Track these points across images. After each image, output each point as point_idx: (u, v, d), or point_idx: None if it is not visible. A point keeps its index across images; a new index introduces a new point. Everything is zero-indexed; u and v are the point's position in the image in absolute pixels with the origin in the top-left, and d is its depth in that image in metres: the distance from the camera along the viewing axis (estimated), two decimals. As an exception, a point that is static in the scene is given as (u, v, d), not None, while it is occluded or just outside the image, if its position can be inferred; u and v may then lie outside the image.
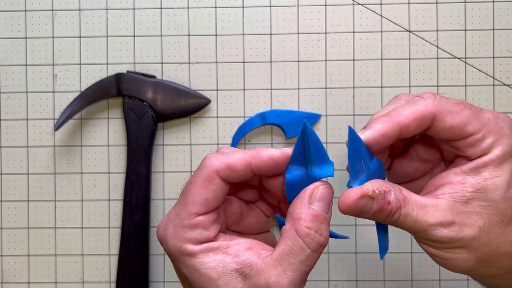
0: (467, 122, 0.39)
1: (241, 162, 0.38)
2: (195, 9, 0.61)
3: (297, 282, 0.37)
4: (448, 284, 0.60)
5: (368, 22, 0.60)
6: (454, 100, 0.40)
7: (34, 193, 0.62)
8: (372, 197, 0.37)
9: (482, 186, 0.39)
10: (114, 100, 0.61)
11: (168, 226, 0.39)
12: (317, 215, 0.38)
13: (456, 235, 0.38)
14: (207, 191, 0.38)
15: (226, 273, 0.38)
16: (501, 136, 0.39)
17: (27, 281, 0.62)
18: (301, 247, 0.37)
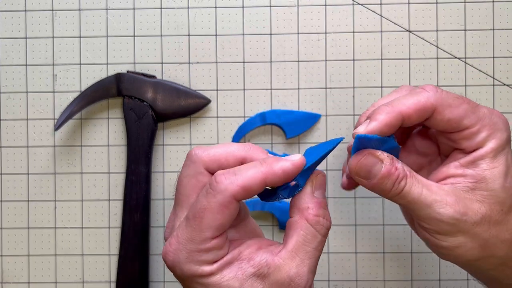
0: (464, 116, 0.41)
1: (257, 181, 0.38)
2: (195, 9, 0.61)
3: (313, 268, 0.39)
4: (448, 284, 0.60)
5: (368, 22, 0.60)
6: (454, 94, 0.42)
7: (34, 193, 0.62)
8: (381, 159, 0.40)
9: (482, 176, 0.41)
10: (114, 100, 0.61)
11: (180, 251, 0.38)
12: (321, 203, 0.40)
13: (460, 216, 0.40)
14: (223, 216, 0.38)
15: (245, 279, 0.38)
16: (495, 130, 0.41)
17: (27, 281, 0.62)
18: (314, 235, 0.39)
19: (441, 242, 0.41)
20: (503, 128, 0.42)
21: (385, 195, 0.41)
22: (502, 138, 0.42)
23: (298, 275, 0.38)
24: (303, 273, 0.39)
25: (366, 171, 0.40)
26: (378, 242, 0.61)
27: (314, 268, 0.40)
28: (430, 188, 0.41)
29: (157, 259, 0.61)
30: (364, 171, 0.40)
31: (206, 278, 0.38)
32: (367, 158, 0.40)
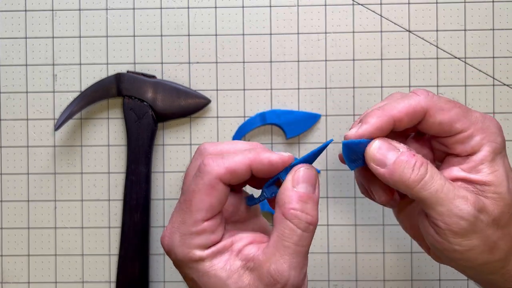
0: (456, 119, 0.41)
1: (242, 166, 0.39)
2: (195, 9, 0.61)
3: (296, 264, 0.38)
4: (448, 284, 0.60)
5: (368, 22, 0.60)
6: (446, 98, 0.42)
7: (34, 193, 0.62)
8: (397, 148, 0.39)
9: (488, 180, 0.40)
10: (114, 100, 0.61)
11: (174, 234, 0.39)
12: (301, 196, 0.38)
13: (479, 214, 0.39)
14: (211, 197, 0.38)
15: (233, 271, 0.38)
16: (488, 134, 0.41)
17: (27, 281, 0.62)
18: (291, 229, 0.38)
19: (454, 247, 0.40)
20: (496, 132, 0.42)
21: (404, 184, 0.39)
22: (497, 142, 0.41)
23: (277, 271, 0.38)
24: (282, 270, 0.38)
25: (381, 155, 0.40)
26: (378, 242, 0.61)
27: (299, 265, 0.38)
28: (451, 182, 0.40)
29: (157, 259, 0.61)
30: (380, 155, 0.40)
31: (197, 264, 0.39)
32: (382, 143, 0.40)
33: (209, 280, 0.38)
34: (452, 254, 0.41)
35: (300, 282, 0.39)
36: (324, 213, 0.61)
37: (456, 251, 0.40)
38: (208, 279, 0.38)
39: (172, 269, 0.61)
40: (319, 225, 0.60)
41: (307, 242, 0.39)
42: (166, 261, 0.61)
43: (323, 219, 0.61)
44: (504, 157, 0.42)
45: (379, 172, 0.40)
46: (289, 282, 0.38)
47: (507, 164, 0.42)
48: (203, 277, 0.39)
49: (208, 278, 0.38)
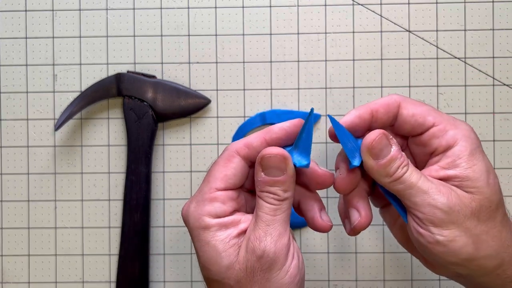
0: (428, 113, 0.44)
1: (257, 139, 0.43)
2: (195, 9, 0.61)
3: (271, 231, 0.41)
4: (448, 284, 0.60)
5: (368, 22, 0.61)
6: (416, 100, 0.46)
7: (34, 193, 0.62)
8: (391, 143, 0.42)
9: (465, 175, 0.42)
10: (114, 100, 0.61)
11: (191, 203, 0.43)
12: (267, 181, 0.42)
13: (453, 206, 0.41)
14: (226, 168, 0.43)
15: (230, 245, 0.42)
16: (461, 130, 0.43)
17: (27, 281, 0.62)
18: (262, 203, 0.42)
19: (437, 237, 0.42)
20: (469, 129, 0.44)
21: (386, 178, 0.43)
22: (472, 137, 0.43)
23: (255, 237, 0.41)
24: (259, 235, 0.41)
25: (379, 149, 0.42)
26: (378, 242, 0.61)
27: (274, 231, 0.41)
28: (427, 177, 0.42)
29: (157, 259, 0.61)
30: (377, 149, 0.42)
31: (203, 231, 0.42)
32: (382, 138, 0.42)
33: (208, 249, 0.42)
34: (436, 248, 0.42)
35: (278, 250, 0.41)
36: (324, 213, 0.61)
37: (439, 243, 0.42)
38: (207, 249, 0.42)
39: (172, 269, 0.61)
40: (319, 225, 0.60)
41: (278, 212, 0.42)
42: (166, 261, 0.61)
43: (323, 219, 0.61)
44: (482, 152, 0.43)
45: (369, 163, 0.43)
46: (266, 248, 0.41)
47: (487, 159, 0.44)
48: (204, 247, 0.42)
49: (208, 247, 0.42)
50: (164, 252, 0.61)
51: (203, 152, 0.61)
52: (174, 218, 0.61)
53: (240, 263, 0.41)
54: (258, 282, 0.41)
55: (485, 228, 0.42)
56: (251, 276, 0.41)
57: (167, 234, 0.61)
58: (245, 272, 0.41)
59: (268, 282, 0.41)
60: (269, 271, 0.41)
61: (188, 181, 0.61)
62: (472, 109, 0.60)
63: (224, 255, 0.41)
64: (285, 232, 0.42)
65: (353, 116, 0.44)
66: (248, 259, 0.41)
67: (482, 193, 0.42)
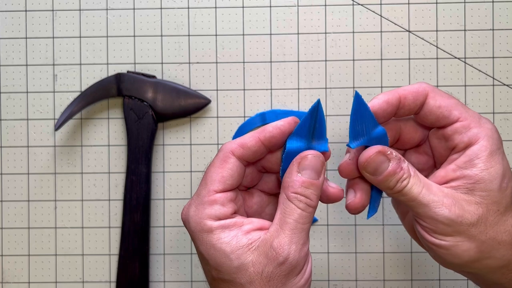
0: (455, 107, 0.43)
1: (251, 138, 0.43)
2: (195, 9, 0.61)
3: (297, 240, 0.41)
4: (448, 284, 0.60)
5: (368, 22, 0.61)
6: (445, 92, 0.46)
7: (34, 193, 0.62)
8: (389, 158, 0.42)
9: (480, 177, 0.42)
10: (114, 100, 0.61)
11: (191, 206, 0.43)
12: (304, 182, 0.42)
13: (456, 218, 0.41)
14: (223, 169, 0.42)
15: (238, 247, 0.41)
16: (485, 128, 0.43)
17: (27, 281, 0.62)
18: (291, 208, 0.41)
19: (439, 241, 0.42)
20: (493, 129, 0.43)
21: (387, 191, 0.43)
22: (494, 137, 0.43)
23: (279, 244, 0.40)
24: (283, 243, 0.40)
25: (374, 167, 0.43)
26: (378, 242, 0.61)
27: (300, 240, 0.41)
28: (430, 188, 0.42)
29: (157, 259, 0.61)
30: (372, 168, 0.43)
31: (207, 234, 0.41)
32: (377, 156, 0.42)
33: (214, 252, 0.41)
34: (439, 250, 0.43)
35: (301, 259, 0.41)
36: (324, 213, 0.61)
37: (441, 246, 0.42)
38: (214, 252, 0.41)
39: (172, 269, 0.61)
40: (319, 225, 0.60)
41: (306, 220, 0.41)
42: (166, 261, 0.61)
43: (323, 219, 0.61)
44: (502, 154, 0.43)
45: (368, 177, 0.44)
46: (290, 256, 0.40)
47: (506, 162, 0.43)
48: (209, 250, 0.41)
49: (214, 250, 0.41)
50: (164, 252, 0.61)
51: (203, 152, 0.61)
52: (174, 218, 0.61)
53: (255, 266, 0.41)
54: (273, 286, 0.41)
55: (492, 233, 0.42)
56: (266, 281, 0.41)
57: (167, 234, 0.61)
58: (260, 275, 0.41)
59: (284, 286, 0.41)
60: (287, 276, 0.41)
61: (188, 181, 0.61)
62: (472, 109, 0.60)
63: (233, 257, 0.41)
64: (308, 241, 0.42)
65: (381, 101, 0.43)
66: (266, 264, 0.40)
67: (492, 197, 0.42)
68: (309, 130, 0.43)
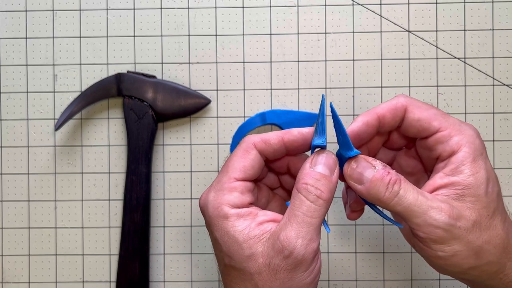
0: (434, 118, 0.44)
1: (275, 137, 0.44)
2: (195, 9, 0.61)
3: (304, 234, 0.40)
4: (448, 284, 0.60)
5: (368, 22, 0.61)
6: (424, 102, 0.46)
7: (34, 193, 0.62)
8: (373, 165, 0.42)
9: (468, 182, 0.42)
10: (114, 100, 0.61)
11: (210, 192, 0.43)
12: (315, 174, 0.42)
13: (455, 222, 0.41)
14: (245, 159, 0.43)
15: (250, 237, 0.41)
16: (466, 135, 0.43)
17: (27, 280, 0.62)
18: (301, 200, 0.41)
19: (438, 253, 0.42)
20: (474, 135, 0.44)
21: (380, 200, 0.42)
22: (476, 143, 0.43)
23: (285, 237, 0.40)
24: (290, 237, 0.40)
25: (358, 173, 0.42)
26: (378, 242, 0.61)
27: (307, 235, 0.41)
28: (425, 195, 0.42)
29: (157, 259, 0.61)
30: (357, 174, 0.42)
31: (222, 220, 0.42)
32: (360, 162, 0.42)
33: (228, 239, 0.42)
34: (438, 261, 0.43)
35: (308, 255, 0.41)
36: (324, 213, 0.61)
37: (440, 257, 0.42)
38: (227, 239, 0.42)
39: (172, 269, 0.61)
40: (319, 225, 0.60)
41: (316, 214, 0.41)
42: (166, 261, 0.61)
43: (323, 219, 0.61)
44: (485, 159, 0.44)
45: (356, 188, 0.43)
46: (295, 250, 0.40)
47: (489, 166, 0.44)
48: (224, 236, 0.42)
49: (228, 237, 0.42)
50: (164, 252, 0.61)
51: (203, 152, 0.61)
52: (174, 218, 0.61)
53: (264, 257, 0.41)
54: (280, 280, 0.41)
55: (487, 237, 0.42)
56: (273, 273, 0.41)
57: (167, 234, 0.61)
58: (268, 267, 0.41)
59: (291, 281, 0.41)
60: (294, 271, 0.41)
61: (188, 181, 0.61)
62: (472, 109, 0.60)
63: (245, 246, 0.41)
64: (317, 239, 0.41)
65: (360, 123, 0.44)
66: (273, 256, 0.41)
67: (481, 202, 0.42)
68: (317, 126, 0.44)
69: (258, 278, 0.41)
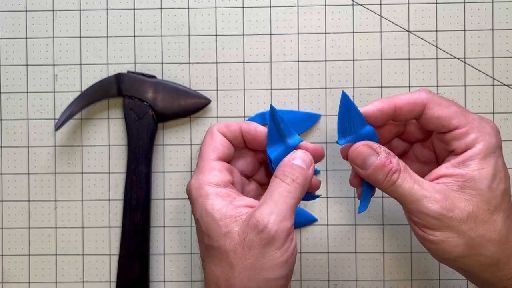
0: (454, 116, 0.45)
1: (235, 124, 0.48)
2: (195, 9, 0.61)
3: (278, 211, 0.43)
4: (448, 284, 0.60)
5: (368, 22, 0.61)
6: (446, 98, 0.47)
7: (34, 193, 0.62)
8: (377, 152, 0.44)
9: (471, 176, 0.44)
10: (114, 100, 0.61)
11: (192, 178, 0.47)
12: (293, 165, 0.45)
13: (446, 213, 0.43)
14: (213, 141, 0.47)
15: (226, 216, 0.43)
16: (483, 133, 0.44)
17: (27, 280, 0.62)
18: (277, 183, 0.44)
19: (429, 236, 0.44)
20: (491, 133, 0.45)
21: (378, 186, 0.45)
22: (491, 141, 0.44)
23: (260, 213, 0.42)
24: (264, 213, 0.43)
25: (361, 160, 0.45)
26: (378, 242, 0.61)
27: (281, 213, 0.43)
28: (421, 184, 0.44)
29: (157, 259, 0.61)
30: (360, 160, 0.45)
31: (203, 199, 0.45)
32: (363, 148, 0.45)
33: (206, 217, 0.44)
34: (429, 244, 0.45)
35: (280, 231, 0.42)
36: (324, 213, 0.61)
37: (432, 241, 0.44)
38: (206, 217, 0.44)
39: (172, 269, 0.61)
40: (319, 225, 0.61)
41: (290, 195, 0.44)
42: (166, 261, 0.61)
43: (323, 219, 0.61)
44: (498, 157, 0.45)
45: (358, 171, 0.46)
46: (268, 225, 0.42)
47: (500, 164, 0.45)
48: (203, 214, 0.44)
49: (206, 215, 0.44)
50: (164, 252, 0.61)
51: (203, 152, 0.61)
52: (174, 218, 0.61)
53: (240, 235, 0.43)
54: (253, 256, 0.42)
55: (482, 231, 0.43)
56: (247, 249, 0.42)
57: (167, 234, 0.61)
58: (242, 244, 0.42)
59: (263, 257, 0.42)
60: (267, 247, 0.42)
61: (188, 181, 0.61)
62: (472, 109, 0.60)
63: (222, 224, 0.43)
64: (290, 218, 0.43)
65: (375, 109, 0.46)
66: (248, 232, 0.42)
67: (482, 196, 0.43)
68: (279, 134, 0.48)
69: (233, 256, 0.43)
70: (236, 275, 0.43)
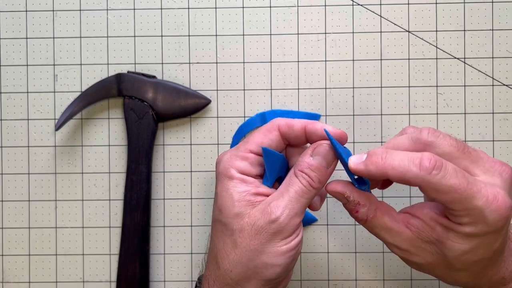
0: (451, 202, 0.42)
1: (299, 124, 0.48)
2: (195, 9, 0.61)
3: (291, 207, 0.45)
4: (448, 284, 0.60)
5: (368, 22, 0.61)
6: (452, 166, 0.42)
7: (34, 193, 0.62)
8: (347, 199, 0.46)
9: (445, 242, 0.44)
10: (114, 100, 0.61)
11: (226, 153, 0.49)
12: (312, 164, 0.46)
13: (407, 258, 0.47)
14: (265, 137, 0.48)
15: (244, 199, 0.46)
16: (479, 221, 0.42)
17: (27, 280, 0.62)
18: (295, 181, 0.46)
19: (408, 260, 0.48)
20: (489, 223, 0.42)
21: None
22: (484, 230, 0.42)
23: (275, 205, 0.45)
24: (279, 205, 0.45)
25: (335, 196, 0.47)
26: (377, 241, 0.61)
27: (293, 210, 0.45)
28: (389, 232, 0.46)
29: (157, 259, 0.61)
30: (333, 196, 0.47)
31: (227, 179, 0.47)
32: (335, 194, 0.47)
33: (225, 195, 0.47)
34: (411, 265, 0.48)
35: (290, 225, 0.45)
36: (324, 213, 0.61)
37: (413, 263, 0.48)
38: (225, 194, 0.47)
39: (172, 269, 0.61)
40: (319, 225, 0.61)
41: (305, 195, 0.46)
42: (166, 261, 0.61)
43: (323, 219, 0.61)
44: (484, 241, 0.43)
45: None
46: (281, 217, 0.45)
47: (486, 248, 0.44)
48: (223, 191, 0.47)
49: (226, 193, 0.47)
50: (164, 252, 0.61)
51: (203, 152, 0.61)
52: (174, 218, 0.61)
53: (250, 218, 0.45)
54: (259, 240, 0.45)
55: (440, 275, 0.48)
56: (255, 233, 0.45)
57: (167, 234, 0.61)
58: (251, 227, 0.45)
59: (268, 243, 0.45)
60: (274, 236, 0.45)
61: (188, 181, 0.61)
62: (472, 109, 0.60)
63: (237, 205, 0.46)
64: (301, 215, 0.46)
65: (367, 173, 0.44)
66: (260, 218, 0.45)
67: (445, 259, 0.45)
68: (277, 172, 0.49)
69: (238, 235, 0.45)
70: (237, 252, 0.45)
